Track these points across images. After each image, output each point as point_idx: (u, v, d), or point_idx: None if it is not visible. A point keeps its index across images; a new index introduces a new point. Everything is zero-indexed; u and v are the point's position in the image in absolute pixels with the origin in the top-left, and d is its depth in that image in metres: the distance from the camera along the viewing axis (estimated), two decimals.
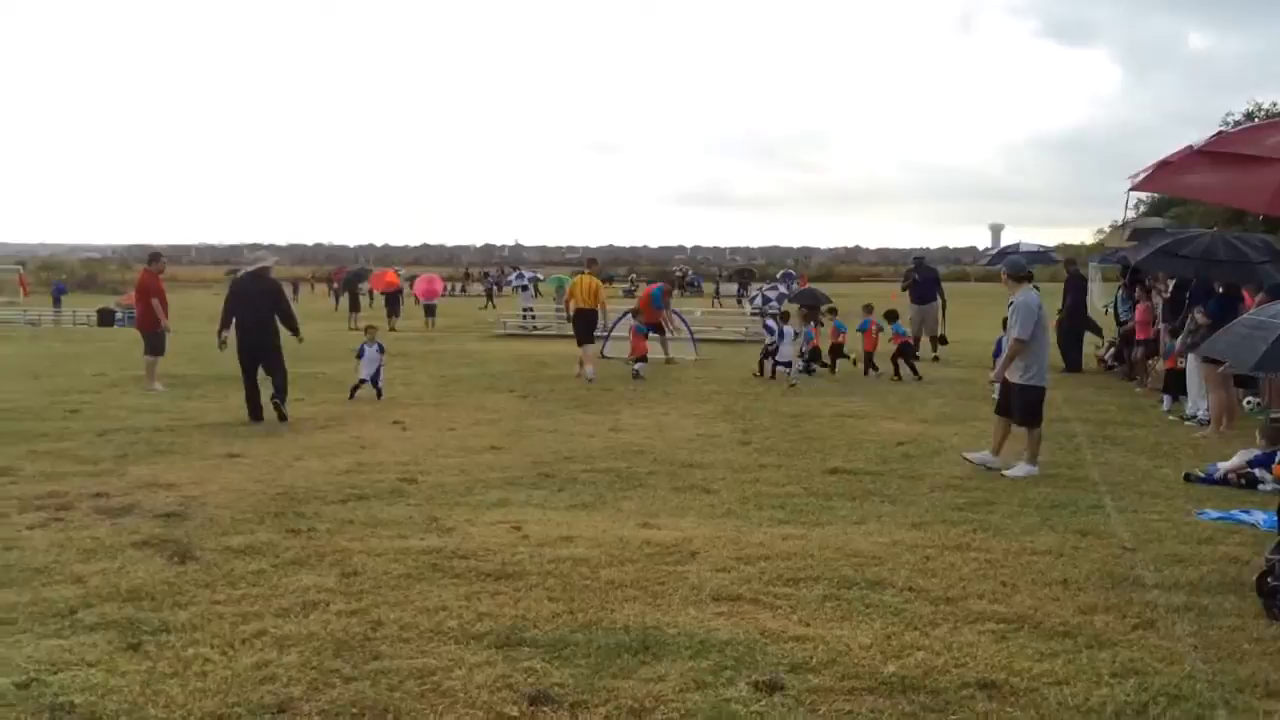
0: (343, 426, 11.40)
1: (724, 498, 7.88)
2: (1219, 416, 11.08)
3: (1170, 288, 14.46)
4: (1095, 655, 4.67)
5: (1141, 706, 4.13)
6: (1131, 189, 7.77)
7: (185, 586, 5.56)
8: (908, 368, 16.45)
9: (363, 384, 13.67)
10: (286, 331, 12.31)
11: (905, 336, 17.36)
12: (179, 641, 4.75)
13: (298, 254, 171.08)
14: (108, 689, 4.23)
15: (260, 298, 12.08)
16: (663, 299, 19.58)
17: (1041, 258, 22.93)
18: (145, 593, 5.44)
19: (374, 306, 35.25)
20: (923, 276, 20.48)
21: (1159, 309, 14.72)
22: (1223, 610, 5.29)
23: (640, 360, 16.85)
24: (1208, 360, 10.58)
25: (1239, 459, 8.64)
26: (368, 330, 14.80)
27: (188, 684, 4.28)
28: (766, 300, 31.46)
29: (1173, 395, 12.80)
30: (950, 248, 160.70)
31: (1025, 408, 8.88)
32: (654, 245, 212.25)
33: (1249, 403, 12.52)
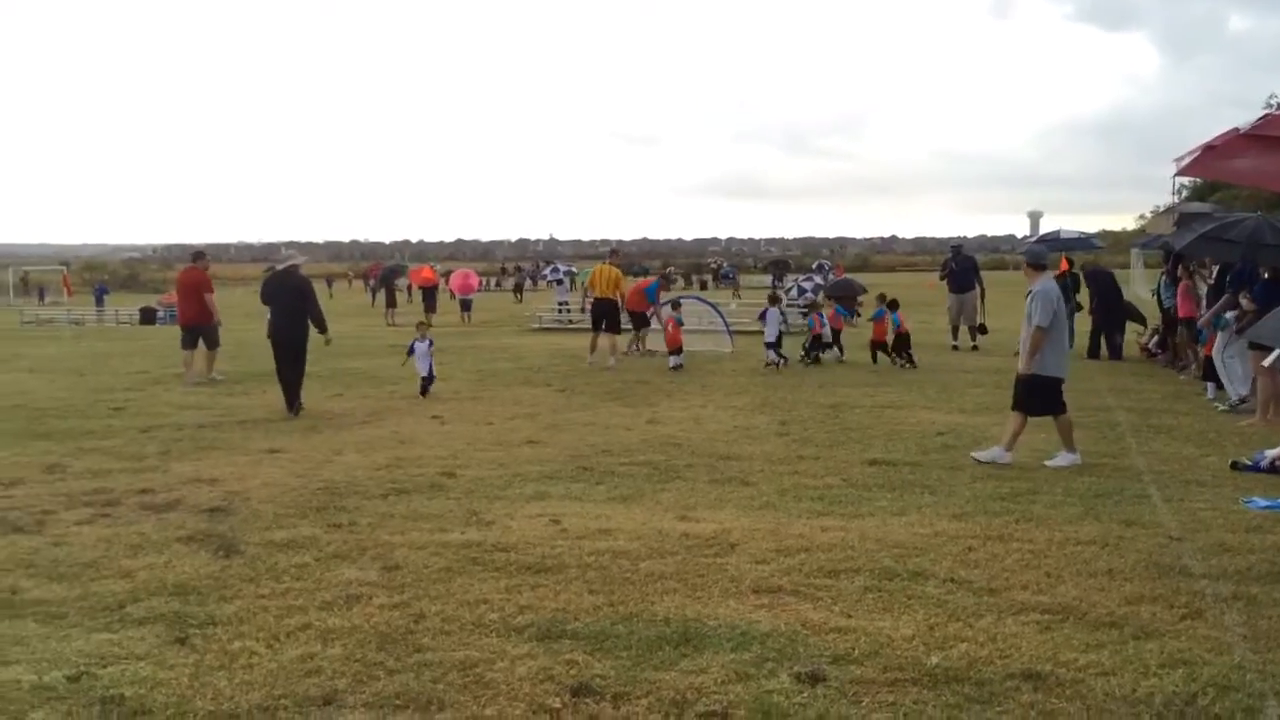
0: (381, 421, 11.48)
1: (763, 489, 7.86)
2: (1266, 404, 10.89)
3: (1214, 273, 14.22)
4: (1142, 646, 4.61)
5: (1190, 697, 4.07)
6: (1177, 174, 7.63)
7: (230, 581, 5.63)
8: (904, 357, 16.80)
9: (426, 380, 13.54)
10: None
11: (900, 327, 17.57)
12: (225, 635, 4.82)
13: (334, 251, 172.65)
14: (156, 682, 4.29)
15: (290, 294, 12.50)
16: (656, 294, 19.80)
17: (1083, 244, 22.61)
18: (191, 587, 5.52)
19: (413, 302, 35.42)
20: (960, 265, 20.28)
21: (1203, 294, 14.49)
22: (1272, 600, 5.20)
23: (677, 352, 16.88)
24: (1254, 346, 10.41)
25: None
26: (419, 326, 14.77)
27: (234, 676, 4.34)
28: (802, 291, 31.33)
29: (1216, 383, 12.60)
30: (988, 236, 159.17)
31: (1043, 398, 8.75)
32: (688, 238, 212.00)
33: None
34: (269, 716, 3.97)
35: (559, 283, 40.41)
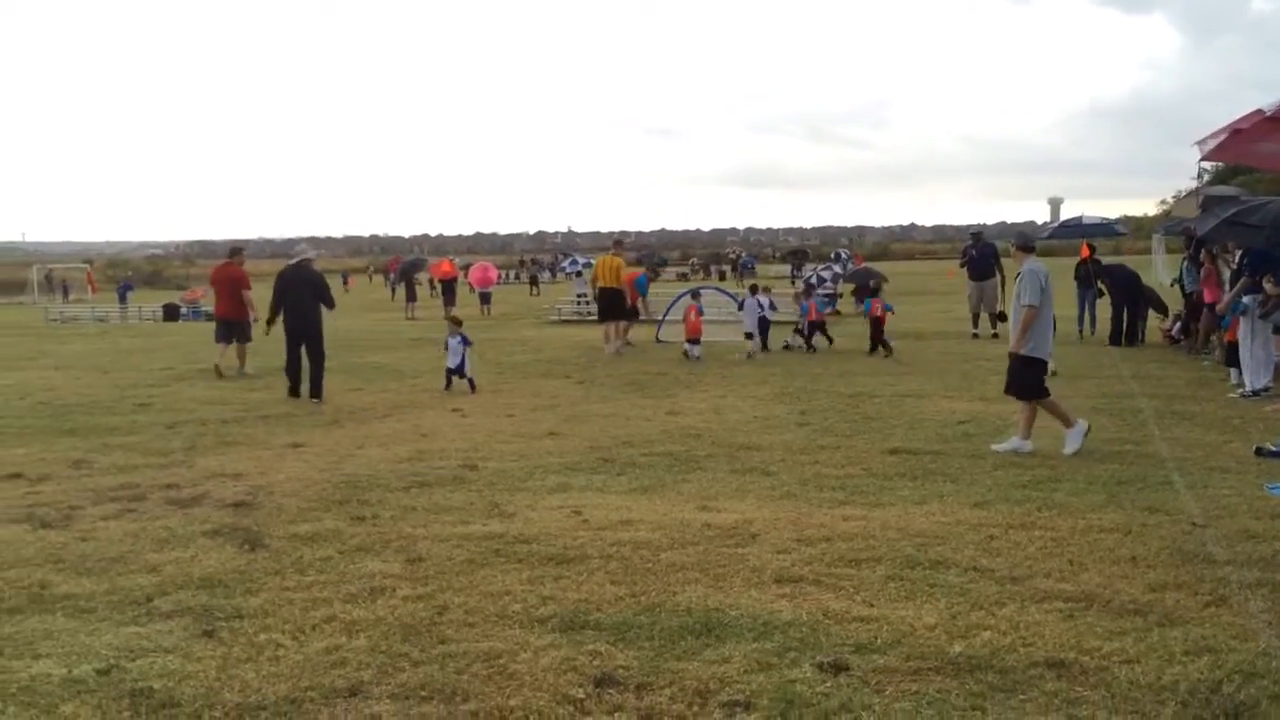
0: (403, 415, 11.54)
1: (783, 479, 7.86)
2: None
3: (1237, 258, 14.09)
4: (1167, 633, 4.59)
5: (1215, 685, 4.05)
6: (1201, 159, 7.54)
7: (255, 574, 5.68)
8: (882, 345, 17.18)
9: (452, 374, 13.58)
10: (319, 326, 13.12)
11: (871, 312, 17.92)
12: (251, 627, 4.86)
13: (353, 245, 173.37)
14: (184, 674, 4.33)
15: (304, 286, 13.18)
16: (645, 286, 19.91)
17: (1105, 230, 22.46)
18: (217, 580, 5.57)
19: (435, 296, 35.49)
20: (980, 252, 20.19)
21: (1226, 279, 14.35)
22: None
23: (694, 341, 16.97)
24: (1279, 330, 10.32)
25: None
26: (453, 321, 14.86)
27: (261, 669, 4.38)
28: (821, 280, 31.27)
29: (1238, 368, 12.49)
30: (1008, 222, 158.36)
31: (1024, 380, 8.74)
32: (706, 228, 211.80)
33: None
34: (296, 708, 4.01)
35: (578, 275, 40.44)
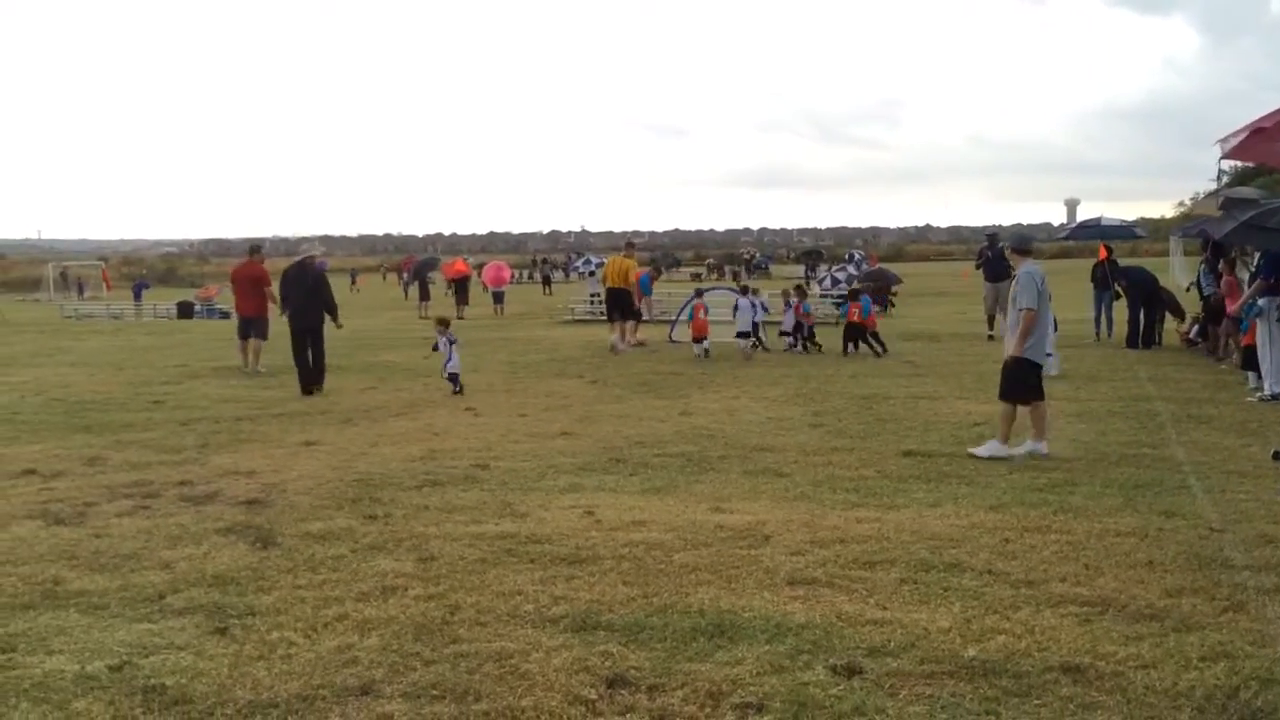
0: (416, 414, 11.55)
1: (796, 481, 7.83)
2: None
3: (1256, 261, 13.98)
4: (1183, 638, 4.55)
5: (1232, 690, 4.01)
6: (1222, 158, 7.47)
7: (268, 572, 5.68)
8: (854, 345, 17.39)
9: (454, 376, 13.17)
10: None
11: (850, 316, 18.11)
12: (264, 625, 4.86)
13: (367, 244, 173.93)
14: (197, 671, 4.34)
15: (309, 283, 13.79)
16: (649, 286, 19.94)
17: (1124, 232, 22.36)
18: (230, 578, 5.58)
19: (449, 295, 35.57)
20: (995, 254, 20.10)
21: (1245, 281, 14.25)
22: None
23: (700, 340, 17.05)
24: None
25: None
26: (439, 322, 14.43)
27: (273, 666, 4.38)
28: (836, 281, 31.20)
29: (1256, 372, 12.40)
30: (1024, 224, 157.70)
31: (1027, 383, 8.68)
32: (720, 229, 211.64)
33: None
34: (308, 706, 4.00)
35: (590, 274, 40.49)
